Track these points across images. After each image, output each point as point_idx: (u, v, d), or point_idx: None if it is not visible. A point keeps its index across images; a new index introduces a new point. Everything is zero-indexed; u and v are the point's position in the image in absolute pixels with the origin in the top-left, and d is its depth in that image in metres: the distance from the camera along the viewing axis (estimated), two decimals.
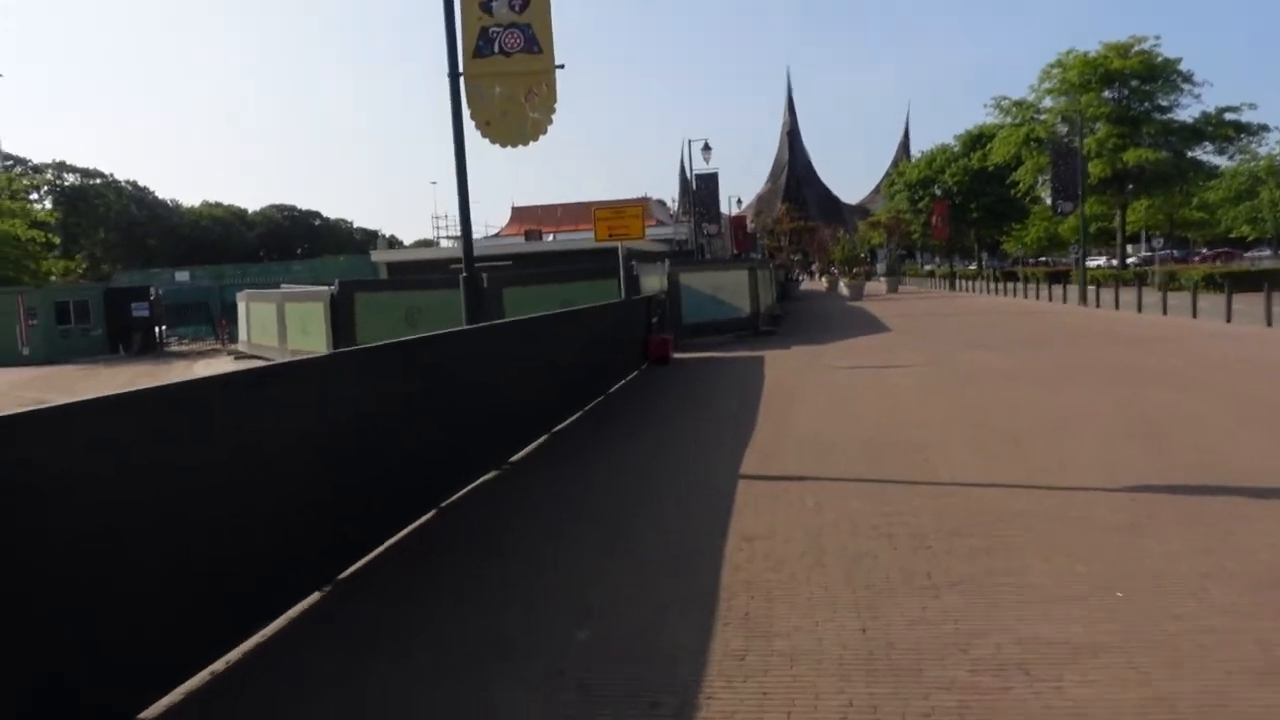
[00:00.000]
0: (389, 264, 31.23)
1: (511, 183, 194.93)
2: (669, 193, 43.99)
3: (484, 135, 8.65)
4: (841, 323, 24.75)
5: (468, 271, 9.39)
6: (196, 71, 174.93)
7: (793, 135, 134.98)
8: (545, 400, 8.77)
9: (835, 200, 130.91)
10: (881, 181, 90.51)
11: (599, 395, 11.47)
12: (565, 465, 7.80)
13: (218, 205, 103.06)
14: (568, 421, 9.92)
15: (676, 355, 16.88)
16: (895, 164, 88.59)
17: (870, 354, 15.75)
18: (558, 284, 19.07)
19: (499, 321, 8.12)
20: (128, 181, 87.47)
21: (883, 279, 48.18)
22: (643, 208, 15.71)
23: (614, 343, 13.06)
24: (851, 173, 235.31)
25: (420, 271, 29.70)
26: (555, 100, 8.57)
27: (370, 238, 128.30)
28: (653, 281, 19.84)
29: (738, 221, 44.89)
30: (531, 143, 8.62)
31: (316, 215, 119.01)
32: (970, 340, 17.49)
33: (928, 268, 73.77)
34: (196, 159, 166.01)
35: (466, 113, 8.78)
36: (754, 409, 10.17)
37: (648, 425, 9.59)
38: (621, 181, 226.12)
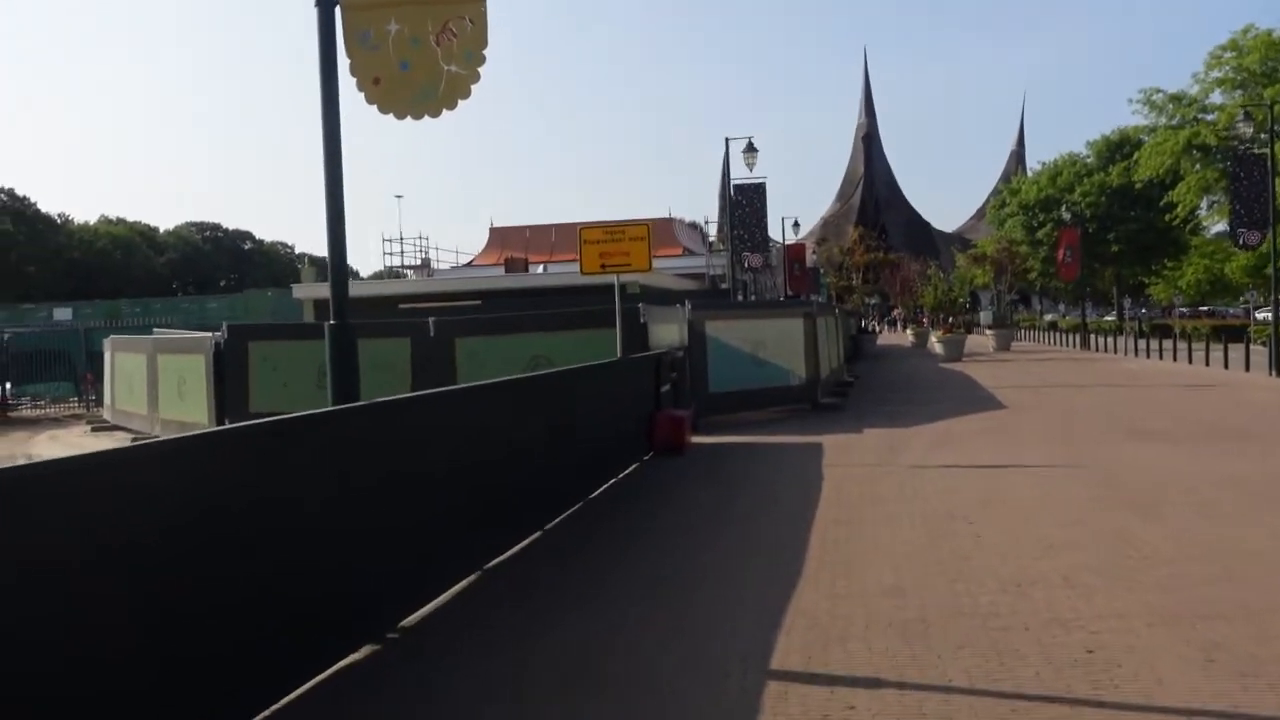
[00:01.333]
0: (318, 301, 30.15)
1: (504, 197, 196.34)
2: (706, 214, 42.73)
3: (371, 100, 7.14)
4: (934, 393, 23.27)
5: (337, 316, 7.82)
6: (93, 54, 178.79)
7: (870, 141, 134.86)
8: (451, 534, 7.09)
9: (925, 226, 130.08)
10: (987, 202, 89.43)
11: (565, 509, 9.83)
12: (440, 674, 6.12)
13: (119, 222, 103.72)
14: (508, 555, 8.25)
15: (697, 439, 15.32)
16: (1006, 178, 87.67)
17: (978, 446, 14.10)
18: (532, 333, 17.73)
19: (352, 406, 6.42)
20: (1, 190, 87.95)
21: (989, 331, 46.49)
22: (648, 229, 14.30)
23: (599, 424, 11.52)
24: (947, 191, 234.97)
25: (361, 312, 28.52)
26: (485, 44, 7.06)
27: (320, 266, 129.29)
28: (668, 332, 18.38)
29: (794, 252, 43.67)
30: (446, 110, 7.10)
31: (246, 237, 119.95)
32: (1130, 425, 15.75)
33: (1049, 317, 72.19)
34: (94, 163, 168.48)
35: (345, 67, 7.30)
36: (801, 542, 8.48)
37: (624, 573, 7.90)
38: (645, 201, 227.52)
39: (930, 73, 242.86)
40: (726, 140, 26.57)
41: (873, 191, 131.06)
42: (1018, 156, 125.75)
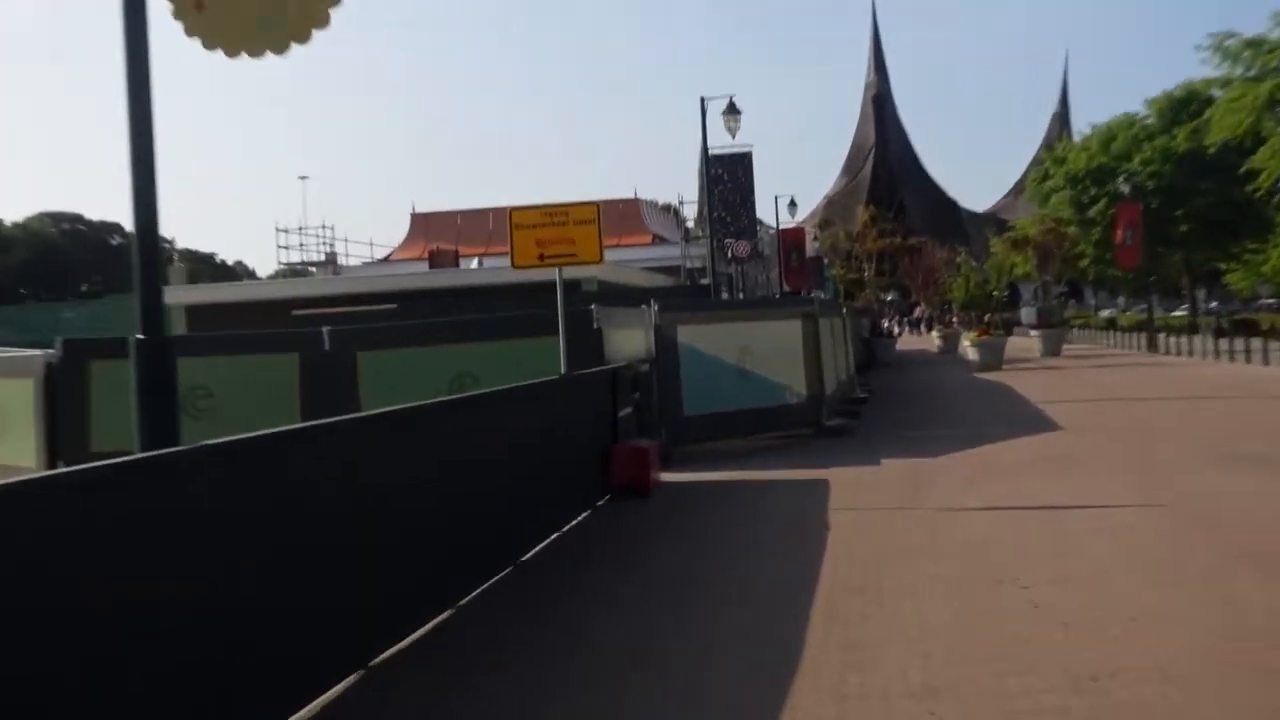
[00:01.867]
0: (192, 308, 29.43)
1: (432, 179, 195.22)
2: (683, 193, 41.87)
3: (191, 32, 6.29)
4: (968, 411, 22.72)
5: (149, 328, 6.99)
6: None
7: (881, 104, 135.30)
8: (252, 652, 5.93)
9: (950, 206, 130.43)
10: (1027, 173, 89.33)
11: (474, 586, 9.01)
12: None
13: None
14: (394, 649, 7.42)
15: (669, 476, 14.59)
16: (1048, 145, 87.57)
17: (1028, 480, 13.42)
18: (455, 345, 16.91)
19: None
20: None
21: (1033, 332, 46.07)
22: (598, 209, 13.51)
23: (532, 463, 10.74)
24: (976, 164, 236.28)
25: (245, 319, 27.87)
26: None
27: (208, 265, 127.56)
28: (631, 340, 17.61)
29: (791, 238, 43.09)
30: (296, 44, 6.26)
31: (114, 229, 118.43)
32: (1219, 449, 15.13)
33: (1105, 312, 72.03)
34: None
35: None
36: (798, 620, 7.71)
37: (545, 698, 7.11)
38: (608, 180, 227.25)
39: (952, 23, 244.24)
40: (703, 100, 25.83)
41: (886, 164, 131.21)
42: (1061, 119, 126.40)
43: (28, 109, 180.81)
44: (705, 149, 26.23)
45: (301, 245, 40.85)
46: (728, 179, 26.91)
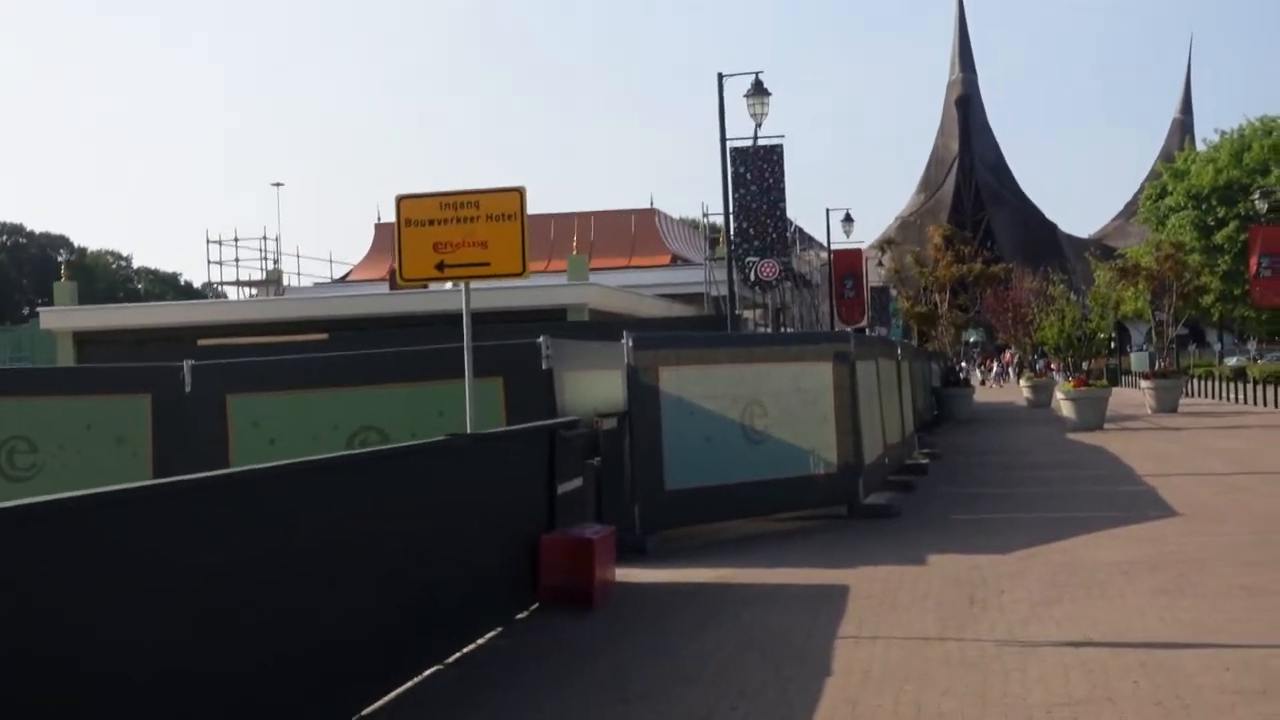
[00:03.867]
0: (80, 334, 27.66)
1: (413, 185, 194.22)
2: (709, 204, 39.68)
3: None
4: (1054, 486, 20.42)
5: None
6: None
7: (967, 107, 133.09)
8: None
9: (1047, 229, 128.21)
10: (1139, 193, 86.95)
11: None
12: None
13: None
14: None
15: (635, 576, 12.63)
16: (1167, 158, 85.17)
17: (1132, 597, 11.18)
18: (358, 389, 14.90)
19: None
20: None
21: (1144, 383, 43.49)
22: (521, 196, 11.28)
23: (411, 559, 8.68)
24: (1081, 180, 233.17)
25: (147, 349, 26.01)
26: None
27: (170, 285, 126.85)
28: (597, 385, 15.44)
29: (845, 261, 40.78)
30: None
31: (60, 243, 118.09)
32: None
33: (1232, 360, 69.20)
34: None
35: None
36: None
37: None
38: (620, 190, 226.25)
39: (1052, 11, 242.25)
40: (720, 77, 23.53)
41: (971, 178, 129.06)
42: (1183, 127, 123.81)
43: None
44: (724, 140, 23.92)
45: (237, 260, 38.98)
46: (751, 180, 24.69)
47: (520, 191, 11.30)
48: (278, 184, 59.85)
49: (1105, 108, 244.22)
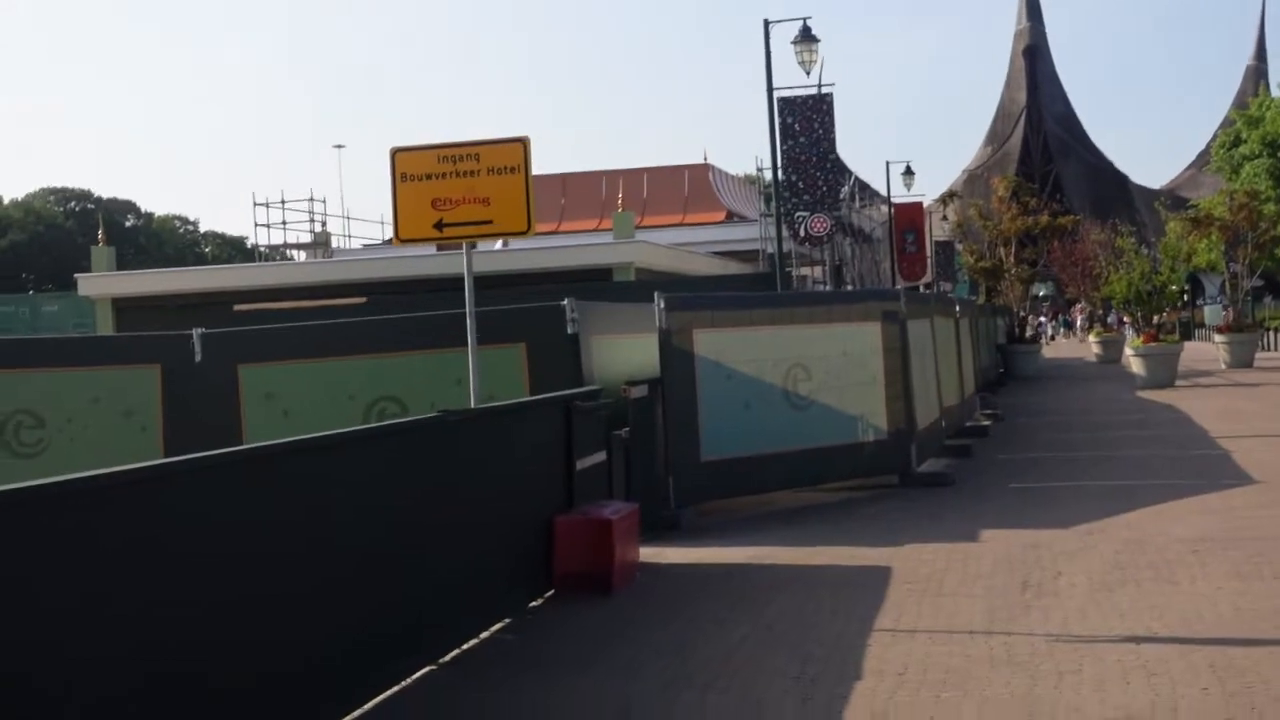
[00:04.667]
0: (119, 300, 27.08)
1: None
2: (764, 159, 38.58)
3: None
4: (1122, 449, 19.30)
5: None
6: None
7: (1034, 57, 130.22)
8: None
9: (1119, 180, 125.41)
10: (1212, 142, 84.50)
11: None
12: None
13: None
14: None
15: (667, 555, 11.89)
16: (1240, 105, 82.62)
17: (1201, 578, 10.12)
18: (375, 357, 14.13)
19: None
20: None
21: (1218, 338, 41.92)
22: (525, 148, 10.30)
23: (407, 544, 7.97)
24: (1153, 131, 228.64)
25: (184, 315, 25.34)
26: None
27: (238, 250, 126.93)
28: (629, 351, 14.57)
29: (906, 216, 39.55)
30: None
31: (128, 208, 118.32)
32: None
33: None
34: None
35: None
36: None
37: None
38: (674, 145, 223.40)
39: None
40: (766, 24, 22.37)
41: (1040, 131, 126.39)
42: (1257, 73, 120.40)
43: (36, 73, 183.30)
44: (770, 89, 22.78)
45: (284, 223, 38.27)
46: (800, 131, 23.57)
47: (524, 142, 10.33)
48: (339, 146, 59.34)
49: (1176, 55, 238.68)
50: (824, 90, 23.81)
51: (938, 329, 19.59)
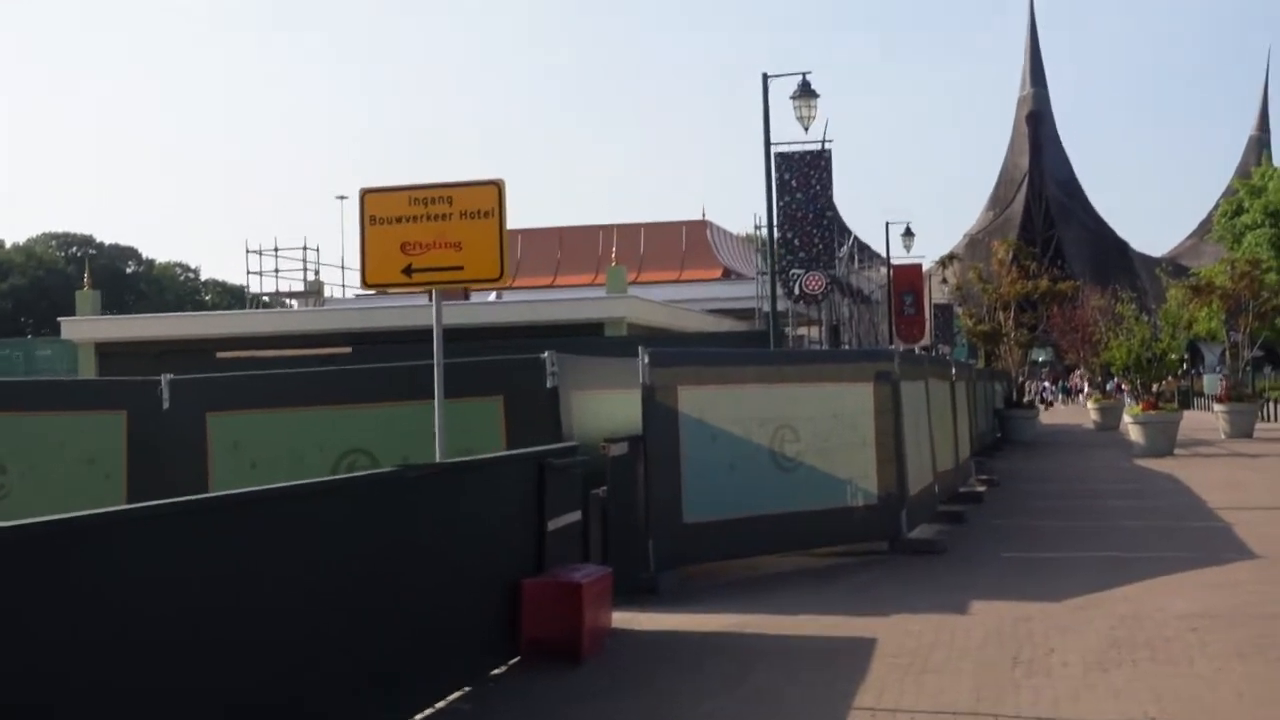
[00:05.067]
0: (103, 345, 26.66)
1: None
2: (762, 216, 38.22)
3: None
4: (1117, 518, 18.76)
5: None
6: None
7: (1037, 123, 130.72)
8: None
9: (1119, 247, 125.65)
10: (1214, 211, 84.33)
11: None
12: None
13: None
14: None
15: (642, 621, 11.33)
16: (1242, 174, 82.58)
17: (1200, 662, 9.57)
18: (346, 408, 13.63)
19: None
20: None
21: (1217, 407, 41.44)
22: (499, 190, 9.85)
23: (348, 614, 7.37)
24: (1154, 199, 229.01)
25: (167, 360, 24.93)
26: None
27: (238, 298, 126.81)
28: (611, 406, 14.08)
29: (906, 279, 39.10)
30: None
31: (130, 254, 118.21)
32: None
33: None
34: None
35: None
36: None
37: None
38: (671, 202, 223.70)
39: (1125, 22, 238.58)
40: (765, 78, 22.03)
41: (1041, 195, 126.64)
42: (1259, 144, 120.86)
43: (41, 123, 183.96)
44: (768, 144, 22.39)
45: (276, 271, 37.88)
46: (797, 187, 23.16)
47: (498, 185, 9.88)
48: (341, 197, 58.90)
49: (1179, 124, 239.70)
50: (824, 146, 23.51)
51: (932, 391, 19.10)
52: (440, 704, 8.56)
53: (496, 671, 9.56)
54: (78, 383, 15.69)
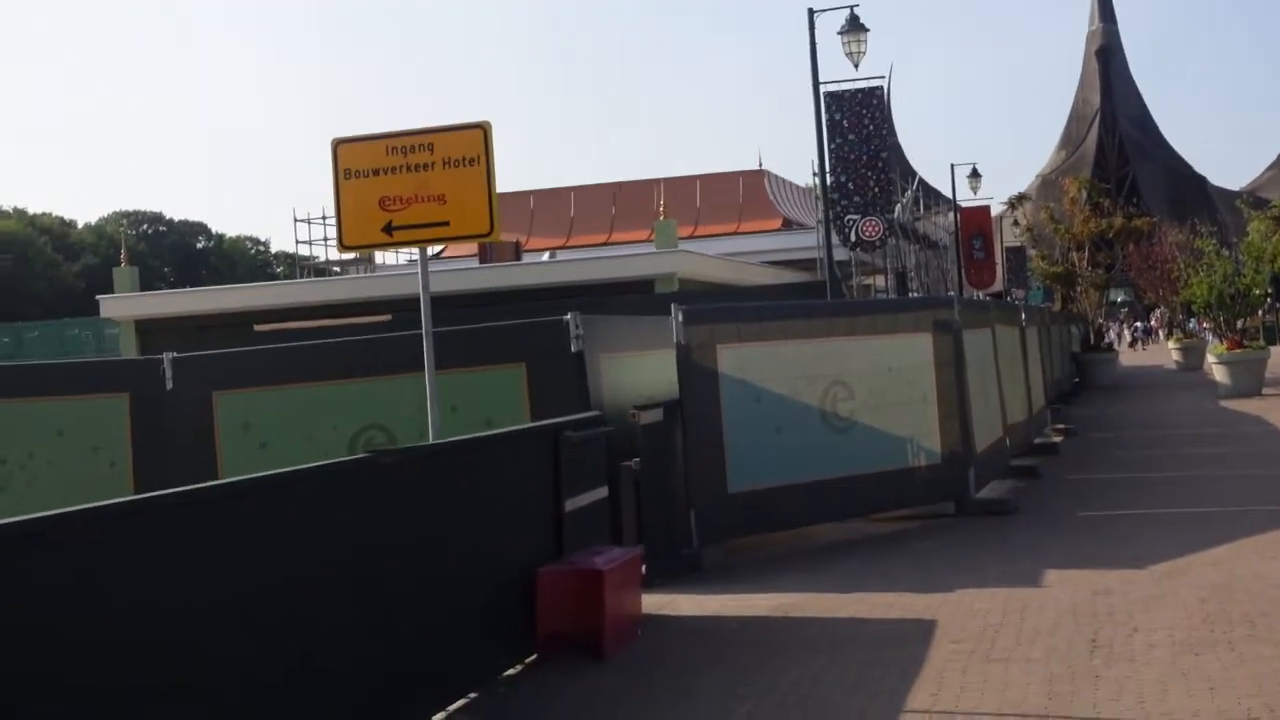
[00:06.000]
0: (142, 322, 25.99)
1: (517, 151, 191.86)
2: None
3: None
4: (1204, 468, 17.40)
5: None
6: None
7: (1108, 58, 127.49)
8: None
9: (1197, 182, 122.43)
10: None
11: None
12: None
13: (14, 214, 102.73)
14: None
15: (680, 603, 10.40)
16: None
17: None
18: (360, 382, 12.74)
19: None
20: None
21: None
22: (485, 133, 8.73)
23: (329, 613, 6.55)
24: (1233, 131, 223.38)
25: (209, 336, 24.21)
26: None
27: (300, 268, 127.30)
28: (645, 369, 13.03)
29: (973, 220, 37.65)
30: None
31: (199, 230, 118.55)
32: None
33: None
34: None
35: None
36: None
37: None
38: (727, 150, 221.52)
39: None
40: (810, 13, 20.72)
41: (1115, 133, 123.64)
42: None
43: (110, 100, 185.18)
44: (816, 83, 21.08)
45: (325, 239, 36.99)
46: (849, 128, 21.90)
47: (484, 128, 8.75)
48: None
49: (1253, 57, 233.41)
50: (873, 84, 22.18)
51: (1000, 339, 17.83)
52: (439, 715, 7.56)
53: (510, 672, 8.58)
54: (78, 365, 14.90)
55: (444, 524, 7.83)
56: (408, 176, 8.76)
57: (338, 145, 8.93)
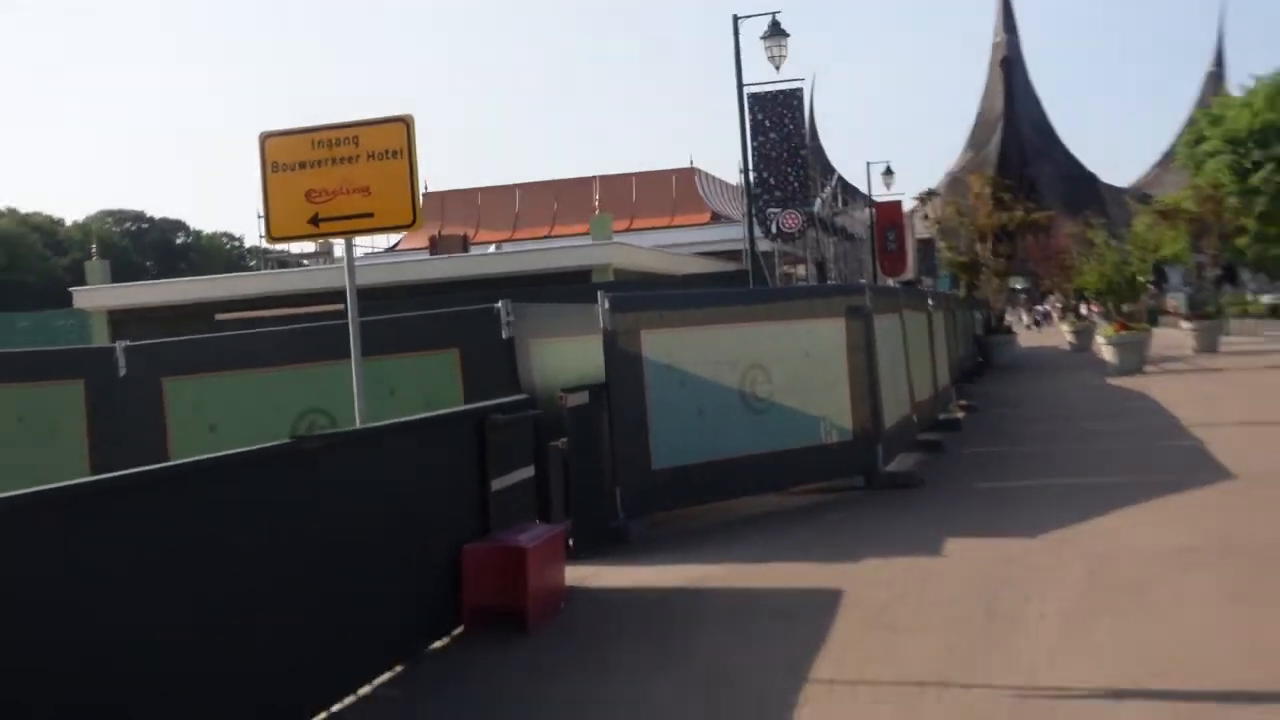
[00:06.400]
0: (115, 313, 25.20)
1: (451, 152, 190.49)
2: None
3: None
4: (1094, 443, 17.11)
5: None
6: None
7: (1011, 68, 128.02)
8: None
9: (1088, 180, 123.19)
10: (1177, 140, 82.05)
11: None
12: None
13: (7, 214, 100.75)
14: None
15: (605, 575, 9.91)
16: (1201, 106, 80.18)
17: (1181, 604, 8.11)
18: (303, 367, 12.21)
19: None
20: None
21: (1185, 324, 39.78)
22: (408, 127, 8.28)
23: (258, 590, 6.03)
24: (1120, 134, 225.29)
25: (177, 325, 23.58)
26: None
27: (275, 262, 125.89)
28: (571, 355, 12.60)
29: (888, 215, 37.39)
30: None
31: (178, 227, 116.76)
32: None
33: (1266, 298, 64.71)
34: None
35: None
36: None
37: None
38: (658, 149, 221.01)
39: None
40: (735, 20, 20.31)
41: (1017, 135, 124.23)
42: (1215, 80, 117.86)
43: (93, 106, 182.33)
44: (740, 85, 20.70)
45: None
46: (770, 126, 21.52)
47: (407, 121, 8.27)
48: None
49: (1142, 65, 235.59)
50: (792, 85, 21.81)
51: (908, 323, 17.52)
52: (365, 689, 7.13)
53: (438, 645, 8.13)
54: (35, 353, 14.25)
55: (370, 505, 7.38)
56: (333, 169, 8.26)
57: (265, 139, 8.43)
